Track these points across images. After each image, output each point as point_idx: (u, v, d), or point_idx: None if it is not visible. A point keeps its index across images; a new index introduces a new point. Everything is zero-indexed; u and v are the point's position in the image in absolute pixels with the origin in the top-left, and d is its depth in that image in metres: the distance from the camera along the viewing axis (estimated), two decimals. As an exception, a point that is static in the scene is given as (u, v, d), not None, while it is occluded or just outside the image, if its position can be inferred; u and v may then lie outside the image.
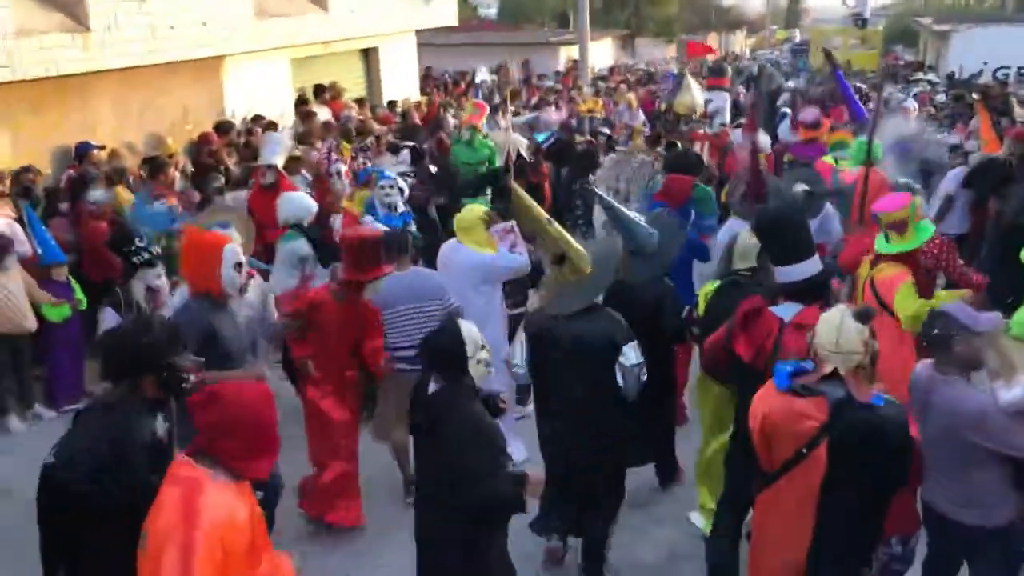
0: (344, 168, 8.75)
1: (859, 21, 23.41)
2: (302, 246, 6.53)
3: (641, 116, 15.08)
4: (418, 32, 17.09)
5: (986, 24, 28.11)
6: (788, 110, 12.44)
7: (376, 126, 11.84)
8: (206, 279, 4.44)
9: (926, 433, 3.66)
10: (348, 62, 15.09)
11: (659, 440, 5.53)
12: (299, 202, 6.87)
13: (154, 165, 8.51)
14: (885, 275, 4.79)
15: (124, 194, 8.06)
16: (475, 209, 6.00)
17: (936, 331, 3.69)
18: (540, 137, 11.02)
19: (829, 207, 6.79)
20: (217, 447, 2.83)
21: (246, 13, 10.83)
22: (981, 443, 3.51)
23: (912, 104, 12.81)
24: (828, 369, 3.37)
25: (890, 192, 5.73)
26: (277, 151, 8.53)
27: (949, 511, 3.71)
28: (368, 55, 15.77)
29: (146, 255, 6.42)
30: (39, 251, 6.86)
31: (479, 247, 5.70)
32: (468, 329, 3.66)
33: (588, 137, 12.05)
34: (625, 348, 4.39)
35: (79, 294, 7.12)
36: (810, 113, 9.74)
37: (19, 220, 6.89)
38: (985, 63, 23.52)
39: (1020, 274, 5.76)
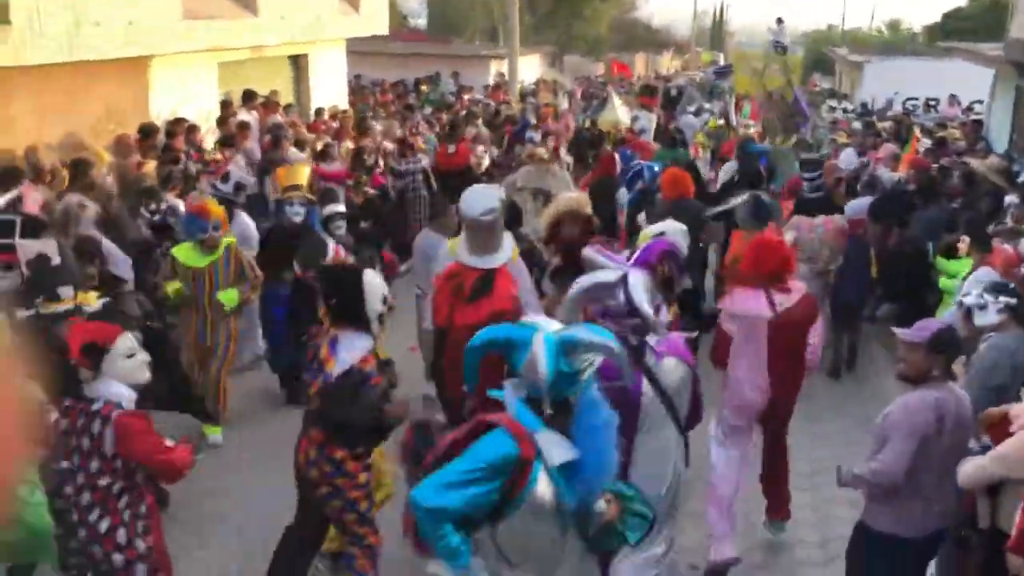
0: None
1: (779, 48, 24.10)
2: None
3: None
4: (349, 40, 17.08)
5: (896, 56, 29.34)
6: None
7: (308, 135, 11.80)
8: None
9: None
10: (277, 68, 14.97)
11: None
12: None
13: (78, 165, 8.34)
14: None
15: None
16: None
17: None
18: None
19: None
20: None
21: (174, 14, 10.70)
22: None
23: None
24: None
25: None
26: None
27: None
28: (298, 62, 15.69)
29: None
30: None
31: None
32: None
33: None
34: None
35: None
36: None
37: None
38: (896, 93, 24.53)
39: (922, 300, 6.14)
